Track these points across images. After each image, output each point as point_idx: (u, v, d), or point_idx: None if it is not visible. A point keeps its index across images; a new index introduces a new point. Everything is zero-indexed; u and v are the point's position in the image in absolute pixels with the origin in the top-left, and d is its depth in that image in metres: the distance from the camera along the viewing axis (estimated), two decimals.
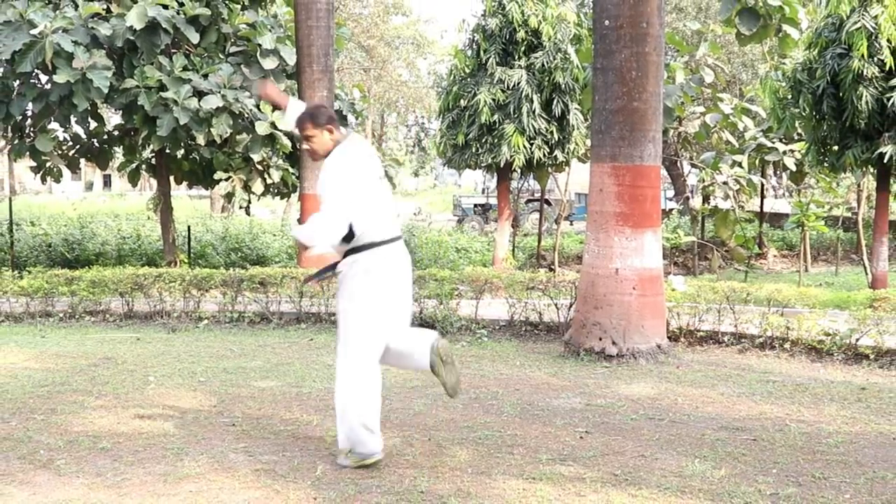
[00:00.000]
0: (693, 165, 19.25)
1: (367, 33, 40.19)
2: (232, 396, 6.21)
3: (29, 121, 12.60)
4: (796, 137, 15.48)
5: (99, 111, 13.06)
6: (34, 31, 11.14)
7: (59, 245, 16.18)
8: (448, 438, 5.15)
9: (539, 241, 17.62)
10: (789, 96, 11.54)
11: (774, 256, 18.86)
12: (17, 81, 12.00)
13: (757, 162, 17.43)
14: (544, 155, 14.15)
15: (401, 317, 4.71)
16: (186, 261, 14.24)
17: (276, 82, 12.58)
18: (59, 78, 11.11)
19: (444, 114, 14.89)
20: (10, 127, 12.46)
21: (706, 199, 17.43)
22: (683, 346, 8.15)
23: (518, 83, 13.74)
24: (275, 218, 26.03)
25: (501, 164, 14.28)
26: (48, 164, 12.96)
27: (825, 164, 11.80)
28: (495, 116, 13.81)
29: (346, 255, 4.54)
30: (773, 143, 16.77)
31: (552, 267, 15.53)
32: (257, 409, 5.85)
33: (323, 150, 4.60)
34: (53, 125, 12.82)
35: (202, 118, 11.65)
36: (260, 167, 13.04)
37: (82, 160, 13.76)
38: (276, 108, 4.57)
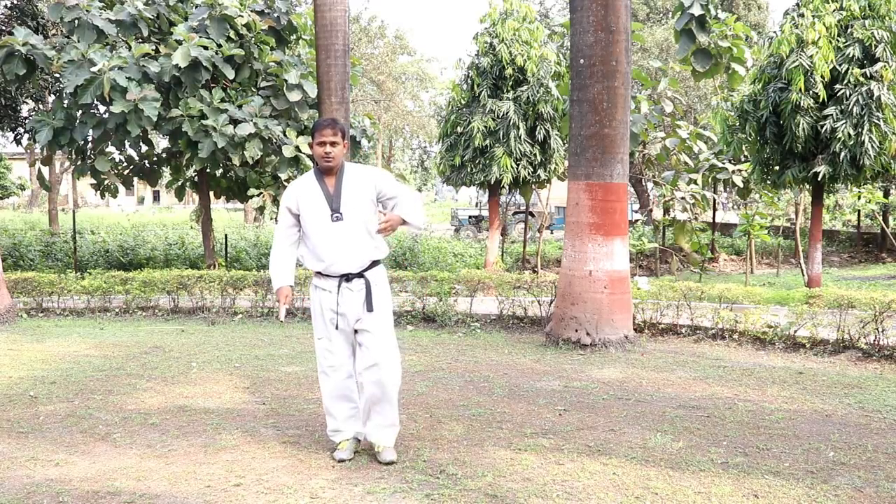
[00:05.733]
0: (655, 183, 19.27)
1: (377, 70, 40.20)
2: (263, 379, 6.21)
3: (89, 145, 12.59)
4: (743, 159, 15.48)
5: (149, 137, 13.04)
6: (94, 69, 11.15)
7: (115, 251, 16.15)
8: (446, 415, 5.15)
9: (524, 247, 17.60)
10: (737, 124, 11.55)
11: (725, 260, 18.85)
12: (80, 111, 12.01)
13: (709, 180, 17.45)
14: (529, 174, 14.16)
15: None
16: (224, 264, 14.22)
17: (300, 112, 12.59)
18: (115, 108, 11.12)
19: (443, 139, 14.90)
20: (73, 150, 12.47)
21: (666, 211, 17.43)
22: (647, 337, 8.15)
23: (506, 113, 13.75)
24: None
25: (492, 182, 14.29)
26: (106, 182, 12.93)
27: (768, 182, 11.81)
28: (487, 141, 13.81)
29: (373, 263, 4.22)
30: (724, 163, 16.79)
31: (535, 269, 15.51)
32: (284, 391, 5.85)
33: (339, 160, 4.18)
34: (110, 148, 12.80)
35: (237, 143, 11.65)
36: (286, 184, 13.03)
37: (135, 178, 13.74)
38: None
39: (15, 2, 16.52)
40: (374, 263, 4.23)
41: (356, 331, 4.23)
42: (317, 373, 4.47)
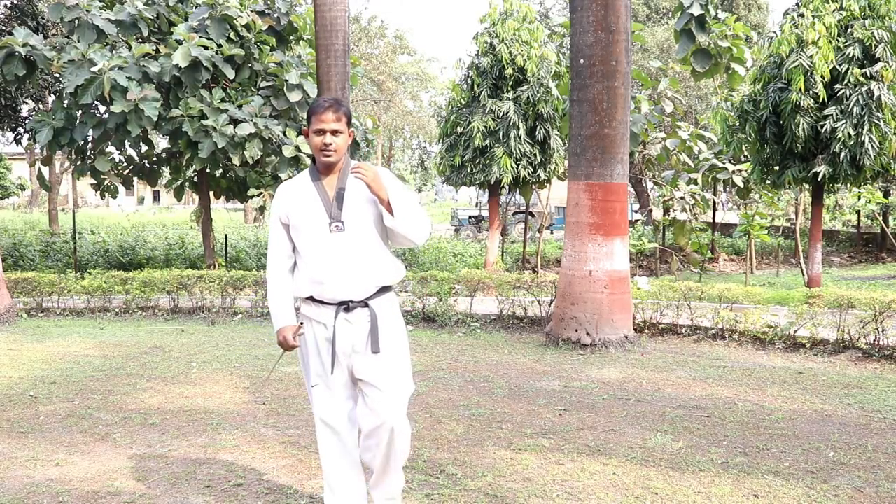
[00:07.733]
0: (655, 183, 19.27)
1: (377, 70, 40.17)
2: (262, 380, 6.21)
3: (90, 145, 12.59)
4: (743, 159, 15.48)
5: (149, 136, 13.05)
6: (94, 69, 11.15)
7: (115, 251, 16.14)
8: (446, 415, 5.15)
9: (524, 247, 17.60)
10: (737, 124, 11.55)
11: (725, 260, 18.84)
12: (80, 111, 12.01)
13: (709, 180, 17.45)
14: (529, 174, 14.17)
15: None
16: (224, 264, 14.21)
17: (300, 112, 12.59)
18: (115, 108, 11.12)
19: (443, 139, 14.91)
20: (73, 150, 12.47)
21: (666, 211, 17.43)
22: (647, 337, 8.15)
23: (506, 113, 13.75)
24: None
25: (492, 182, 14.29)
26: (106, 182, 12.93)
27: (768, 182, 11.81)
28: (487, 141, 13.82)
29: (382, 290, 3.26)
30: (724, 163, 16.78)
31: (535, 269, 15.50)
32: (284, 391, 5.85)
33: (342, 154, 3.20)
34: (110, 148, 12.80)
35: (237, 143, 11.65)
36: None
37: (135, 178, 13.75)
38: None
39: (15, 2, 16.51)
40: (384, 290, 3.25)
41: (358, 378, 3.23)
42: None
